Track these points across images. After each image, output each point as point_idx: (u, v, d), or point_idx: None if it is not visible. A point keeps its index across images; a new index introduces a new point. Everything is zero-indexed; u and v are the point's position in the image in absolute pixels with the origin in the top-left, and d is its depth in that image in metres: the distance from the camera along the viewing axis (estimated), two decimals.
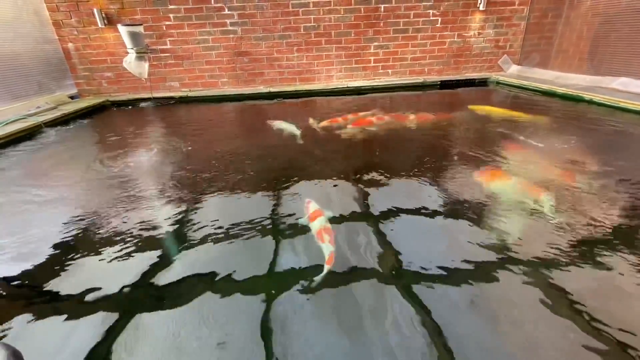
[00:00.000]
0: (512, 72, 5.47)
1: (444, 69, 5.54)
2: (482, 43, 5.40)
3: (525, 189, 1.90)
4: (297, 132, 3.15)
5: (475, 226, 1.56)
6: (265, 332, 1.05)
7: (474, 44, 5.39)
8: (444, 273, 1.28)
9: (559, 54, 5.10)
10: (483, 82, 5.33)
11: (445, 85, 5.29)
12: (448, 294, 1.18)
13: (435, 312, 1.10)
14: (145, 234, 1.62)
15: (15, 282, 1.35)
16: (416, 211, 1.74)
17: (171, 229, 1.66)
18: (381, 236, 1.53)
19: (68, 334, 1.08)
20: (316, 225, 1.54)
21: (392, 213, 1.72)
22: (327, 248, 1.39)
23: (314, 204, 1.69)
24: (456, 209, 1.73)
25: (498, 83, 5.19)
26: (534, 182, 1.95)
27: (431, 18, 5.14)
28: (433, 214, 1.70)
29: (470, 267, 1.31)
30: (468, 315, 1.10)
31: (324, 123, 3.38)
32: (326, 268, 1.30)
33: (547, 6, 5.17)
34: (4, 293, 1.31)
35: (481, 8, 5.08)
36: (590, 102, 3.74)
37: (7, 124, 3.51)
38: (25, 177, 2.49)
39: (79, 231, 1.67)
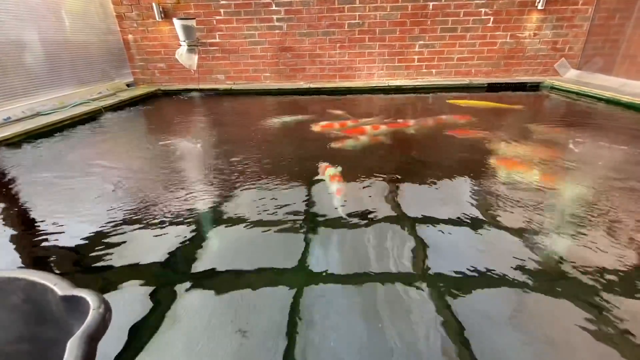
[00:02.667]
0: (569, 76, 5.09)
1: (492, 70, 5.28)
2: (538, 45, 5.07)
3: (543, 177, 2.04)
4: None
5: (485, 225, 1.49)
6: (292, 323, 1.07)
7: (528, 45, 5.08)
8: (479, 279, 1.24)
9: (625, 59, 4.66)
10: (535, 87, 5.01)
11: (492, 88, 5.03)
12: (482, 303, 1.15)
13: (468, 326, 1.07)
14: (186, 214, 1.72)
15: (65, 252, 1.48)
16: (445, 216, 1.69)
17: (208, 212, 1.75)
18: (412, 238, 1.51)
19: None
20: (329, 172, 2.04)
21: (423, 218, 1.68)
22: (337, 185, 1.89)
23: (325, 163, 2.17)
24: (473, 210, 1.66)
25: (552, 88, 4.84)
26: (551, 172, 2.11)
27: (482, 17, 4.91)
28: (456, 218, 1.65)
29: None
30: (502, 330, 1.06)
31: (319, 127, 3.19)
32: (337, 198, 1.77)
33: (615, 6, 4.74)
34: (56, 260, 1.44)
35: (539, 7, 4.77)
36: None
37: (73, 106, 3.86)
38: (86, 155, 2.73)
39: (124, 207, 1.80)
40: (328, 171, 2.06)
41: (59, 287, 0.56)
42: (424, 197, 1.91)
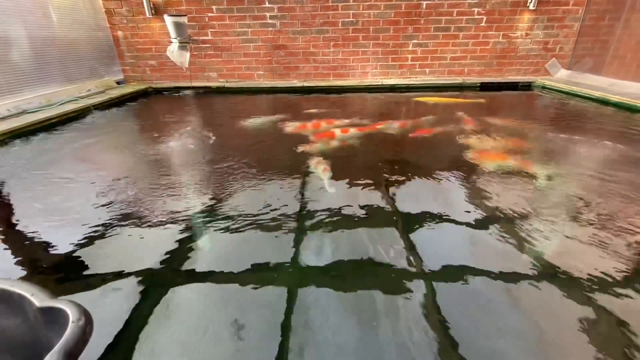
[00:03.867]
0: (560, 76, 5.14)
1: (485, 70, 5.31)
2: (529, 45, 5.11)
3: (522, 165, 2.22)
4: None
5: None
6: (286, 322, 1.06)
7: (520, 45, 5.12)
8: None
9: (614, 59, 4.73)
10: (527, 86, 5.05)
11: (485, 87, 5.07)
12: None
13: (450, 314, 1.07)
14: (176, 214, 1.68)
15: (52, 253, 1.44)
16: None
17: (199, 212, 1.72)
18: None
19: (96, 308, 1.13)
20: (314, 161, 2.34)
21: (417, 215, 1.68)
22: (324, 165, 2.23)
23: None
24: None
25: (544, 87, 4.90)
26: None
27: (475, 17, 4.93)
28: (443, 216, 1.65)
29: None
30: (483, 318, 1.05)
31: (292, 128, 3.14)
32: (325, 174, 2.10)
33: (605, 7, 4.80)
34: (42, 264, 1.40)
35: (531, 7, 4.80)
36: None
37: (61, 104, 3.77)
38: (73, 154, 2.66)
39: (115, 207, 1.76)
40: (314, 161, 2.37)
41: (37, 297, 0.53)
42: (401, 194, 1.90)
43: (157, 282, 1.26)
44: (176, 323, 1.08)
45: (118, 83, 5.24)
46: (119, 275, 1.29)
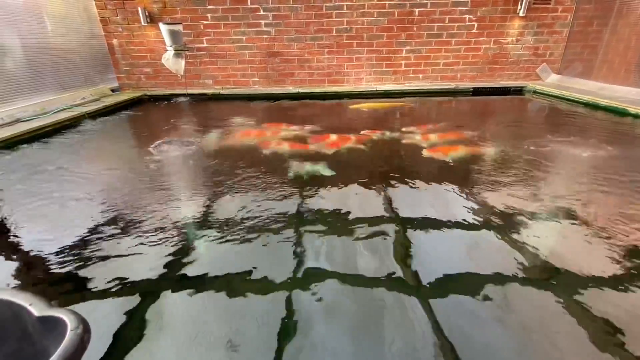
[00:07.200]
0: (551, 81, 5.24)
1: (477, 75, 5.39)
2: (520, 50, 5.21)
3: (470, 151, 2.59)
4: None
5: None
6: (283, 331, 1.06)
7: (511, 51, 5.21)
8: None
9: (603, 64, 4.83)
10: (519, 91, 5.14)
11: (477, 92, 5.14)
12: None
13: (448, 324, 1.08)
14: (172, 224, 1.68)
15: (47, 264, 1.43)
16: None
17: (196, 220, 1.72)
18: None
19: (90, 317, 1.13)
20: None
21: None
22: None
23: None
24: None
25: (535, 92, 4.98)
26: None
27: (467, 23, 5.02)
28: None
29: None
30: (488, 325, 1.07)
31: (237, 134, 3.13)
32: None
33: (592, 14, 4.91)
34: (37, 274, 1.39)
35: (521, 14, 4.91)
36: (637, 116, 3.52)
37: (55, 112, 3.76)
38: (67, 163, 2.65)
39: (110, 217, 1.76)
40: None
41: (35, 306, 0.54)
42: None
43: (151, 291, 1.26)
44: (171, 333, 1.07)
45: (113, 91, 5.24)
46: (115, 285, 1.29)
